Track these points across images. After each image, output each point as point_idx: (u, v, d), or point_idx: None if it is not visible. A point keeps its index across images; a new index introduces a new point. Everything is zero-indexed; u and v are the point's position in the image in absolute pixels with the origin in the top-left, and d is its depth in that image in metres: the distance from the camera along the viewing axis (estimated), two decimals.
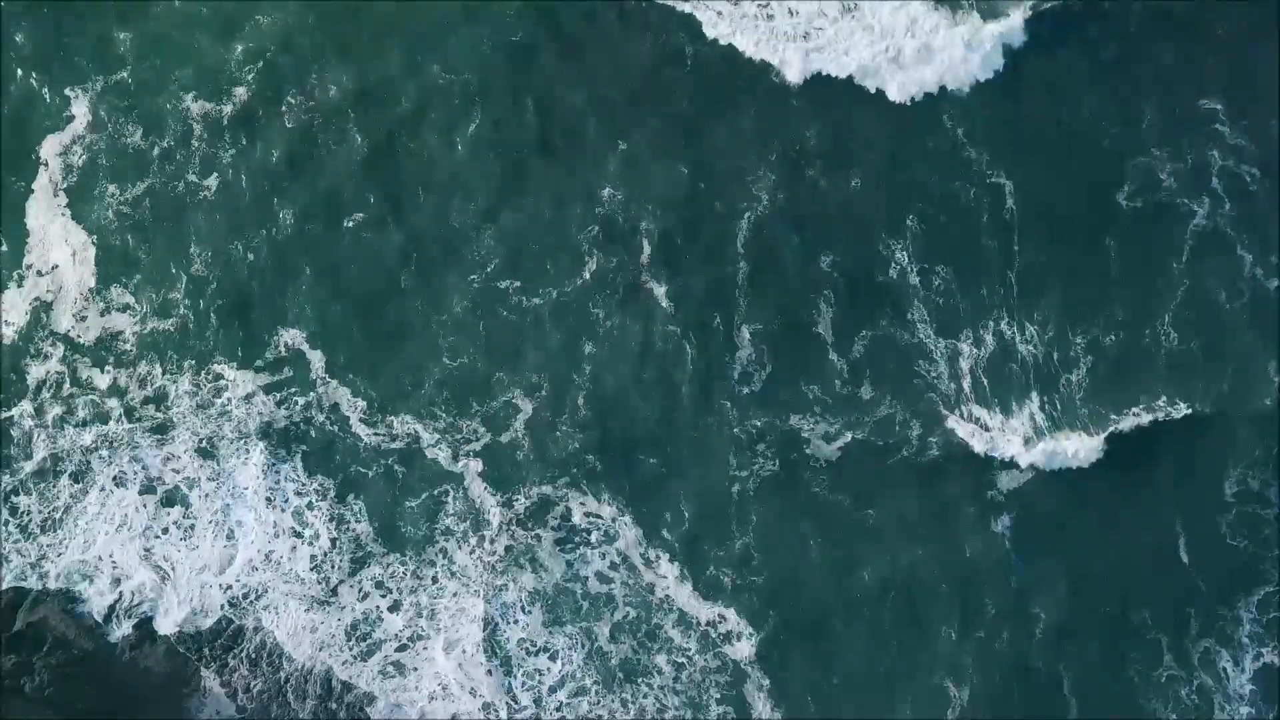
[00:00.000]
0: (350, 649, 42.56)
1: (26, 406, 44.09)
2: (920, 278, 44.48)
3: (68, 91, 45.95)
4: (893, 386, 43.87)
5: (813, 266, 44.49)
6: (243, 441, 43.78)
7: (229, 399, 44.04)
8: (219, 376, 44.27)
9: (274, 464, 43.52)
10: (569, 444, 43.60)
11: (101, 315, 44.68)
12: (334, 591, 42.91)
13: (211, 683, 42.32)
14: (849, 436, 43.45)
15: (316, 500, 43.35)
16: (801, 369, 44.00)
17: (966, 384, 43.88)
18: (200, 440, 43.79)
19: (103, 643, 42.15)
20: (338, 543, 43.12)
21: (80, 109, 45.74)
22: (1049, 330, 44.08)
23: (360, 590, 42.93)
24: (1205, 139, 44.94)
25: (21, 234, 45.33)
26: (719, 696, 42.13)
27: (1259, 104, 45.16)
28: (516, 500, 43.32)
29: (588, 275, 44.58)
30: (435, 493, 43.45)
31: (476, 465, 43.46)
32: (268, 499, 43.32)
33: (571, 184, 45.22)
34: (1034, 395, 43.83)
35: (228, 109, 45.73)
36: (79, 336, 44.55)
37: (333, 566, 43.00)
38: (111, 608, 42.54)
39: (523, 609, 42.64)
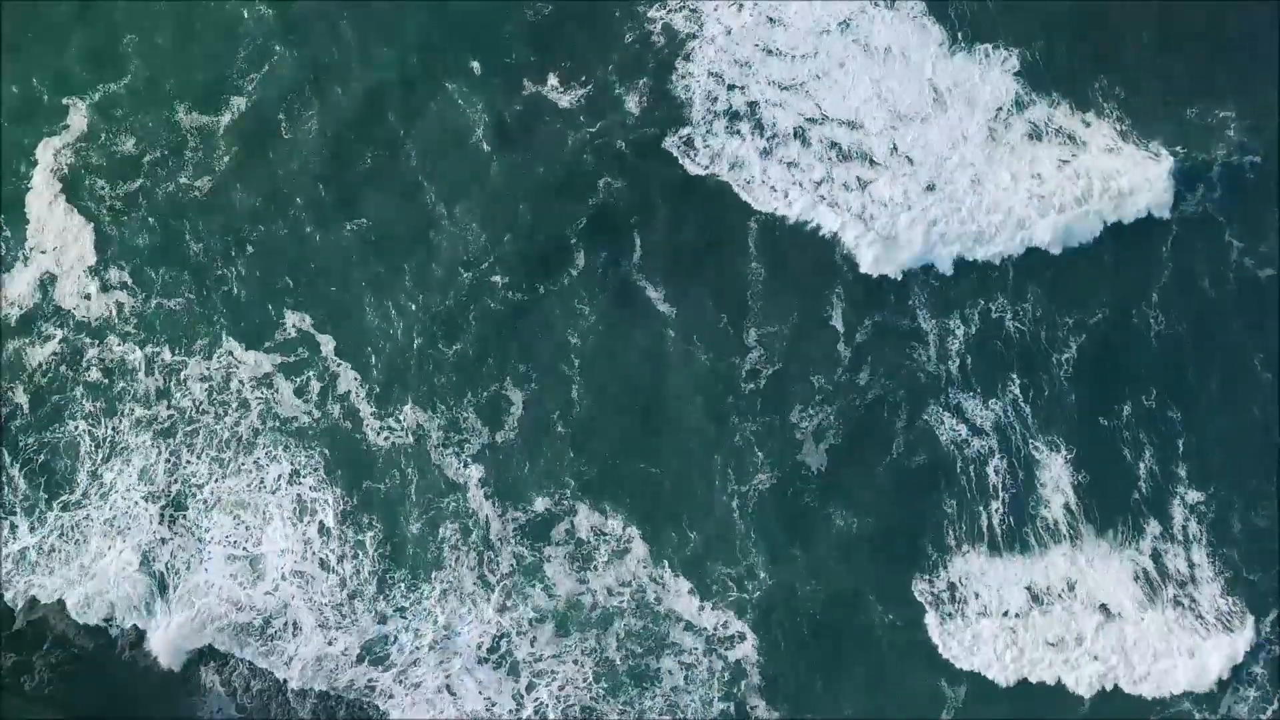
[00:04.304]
0: (364, 659, 42.54)
1: (27, 398, 44.32)
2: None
3: (65, 100, 46.47)
4: (886, 369, 44.12)
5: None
6: (259, 440, 44.02)
7: (242, 382, 44.27)
8: (230, 356, 44.51)
9: (291, 469, 43.72)
10: (568, 453, 43.81)
11: (104, 292, 44.97)
12: (350, 598, 42.93)
13: (212, 681, 42.28)
14: (838, 437, 43.65)
15: (329, 508, 43.42)
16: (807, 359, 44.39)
17: (954, 367, 44.16)
18: (215, 437, 44.08)
19: (103, 642, 42.18)
20: (350, 553, 43.13)
21: (78, 117, 46.25)
22: (1038, 313, 44.36)
23: (371, 599, 42.92)
24: (1208, 134, 45.39)
25: (20, 221, 45.78)
26: (721, 694, 42.09)
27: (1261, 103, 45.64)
28: (522, 511, 43.44)
29: (575, 272, 44.91)
30: (443, 504, 43.52)
31: (479, 472, 43.59)
32: (280, 504, 43.48)
33: (567, 183, 45.66)
34: (1017, 377, 44.17)
35: (225, 113, 46.19)
36: (83, 317, 44.80)
37: (345, 579, 42.98)
38: (112, 607, 42.55)
39: (533, 617, 42.69)
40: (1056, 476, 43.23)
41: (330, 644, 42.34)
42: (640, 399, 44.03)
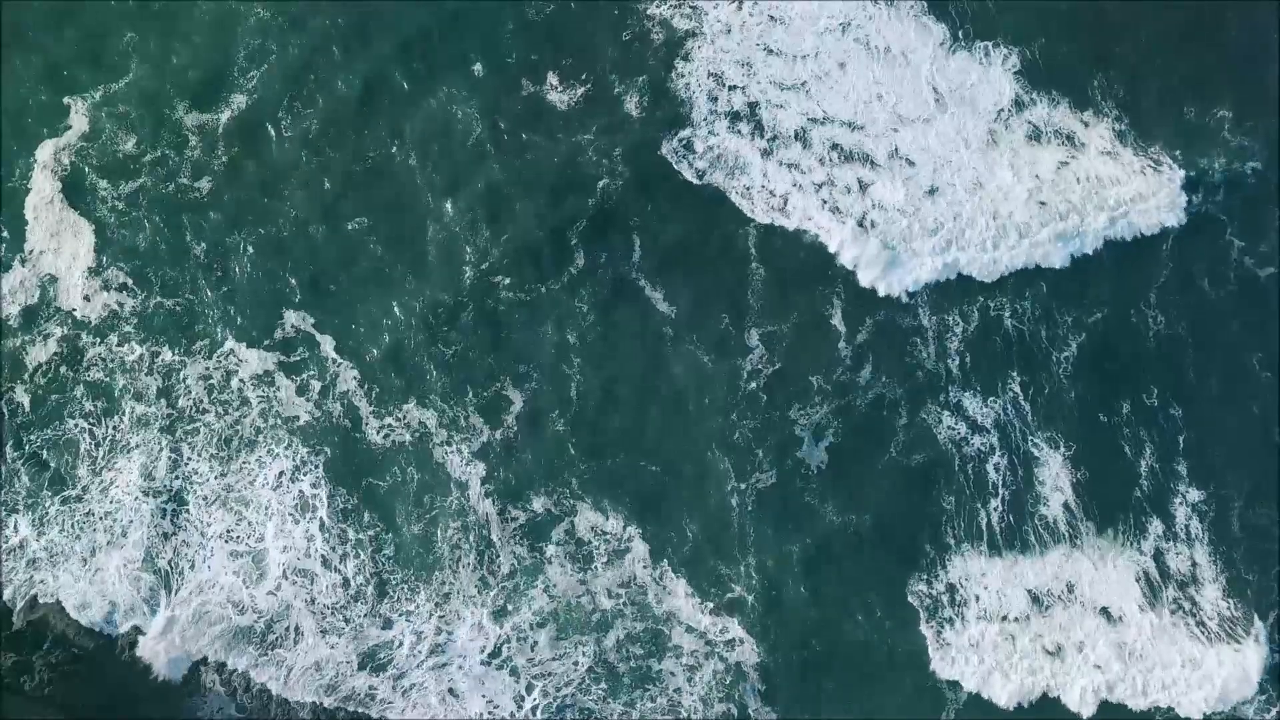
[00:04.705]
0: (366, 666, 42.47)
1: (28, 397, 44.27)
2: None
3: (68, 99, 46.44)
4: (886, 368, 44.19)
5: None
6: (260, 438, 44.03)
7: (243, 381, 44.26)
8: (231, 354, 44.47)
9: (293, 466, 43.71)
10: (568, 451, 43.81)
11: (104, 292, 44.88)
12: (354, 599, 42.82)
13: (212, 681, 42.23)
14: (838, 434, 43.64)
15: (331, 506, 43.37)
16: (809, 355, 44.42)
17: (954, 365, 44.19)
18: (216, 435, 44.05)
19: (102, 641, 42.13)
20: (351, 551, 43.09)
21: (78, 117, 46.21)
22: (1038, 311, 44.49)
23: (373, 602, 42.85)
24: (1207, 134, 45.57)
25: (20, 222, 45.66)
26: (721, 696, 42.05)
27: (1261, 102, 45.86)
28: (522, 510, 43.43)
29: (575, 272, 44.97)
30: (444, 503, 43.51)
31: (479, 471, 43.58)
32: (281, 501, 43.45)
33: (567, 183, 45.70)
34: (1017, 375, 44.22)
35: (225, 113, 46.20)
36: (83, 316, 44.71)
37: (348, 578, 42.91)
38: (113, 607, 42.51)
39: (533, 620, 42.66)
40: (1056, 474, 43.28)
41: (332, 648, 42.24)
42: (640, 398, 44.05)
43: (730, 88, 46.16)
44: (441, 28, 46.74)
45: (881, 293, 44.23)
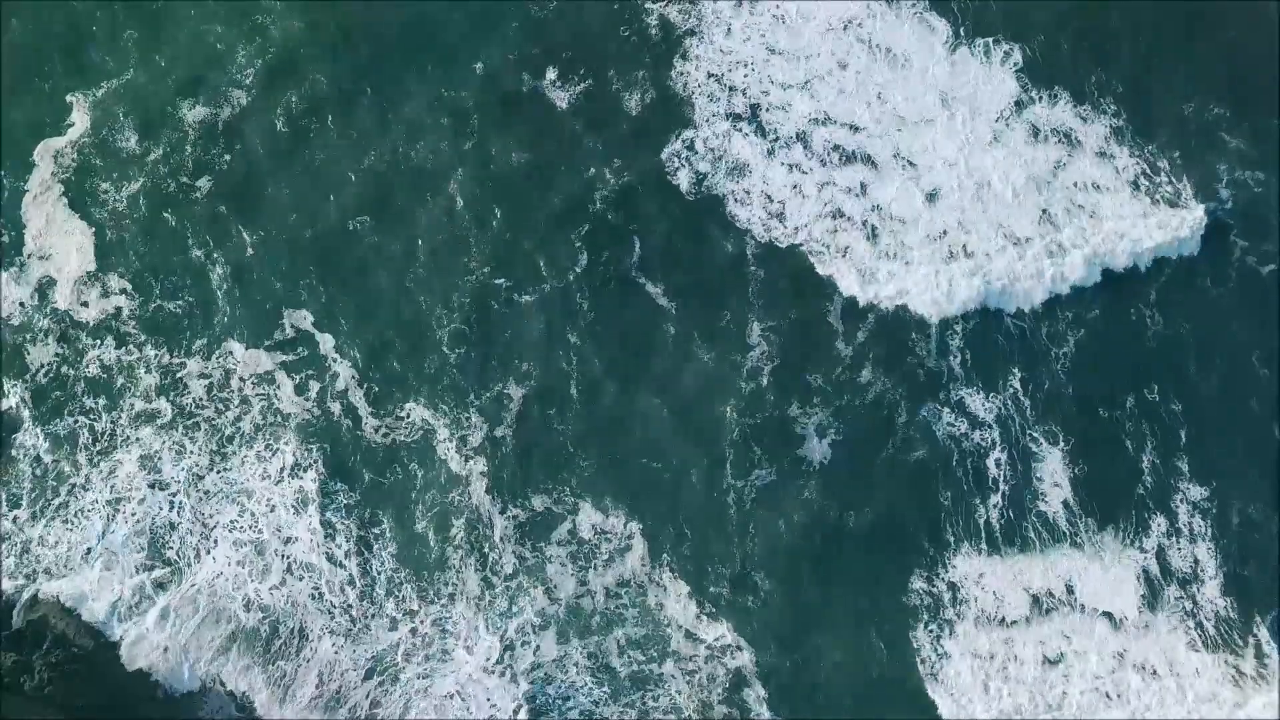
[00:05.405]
0: (373, 674, 42.37)
1: (29, 394, 44.18)
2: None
3: (69, 97, 46.46)
4: (886, 365, 44.26)
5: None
6: (259, 435, 43.99)
7: (243, 380, 44.20)
8: (230, 353, 44.41)
9: (294, 463, 43.62)
10: (568, 449, 43.79)
11: (103, 297, 44.82)
12: (359, 599, 42.77)
13: (212, 680, 42.08)
14: (838, 432, 43.59)
15: (330, 505, 43.33)
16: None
17: (955, 363, 44.17)
18: (218, 432, 43.98)
19: (102, 641, 41.92)
20: (355, 549, 43.02)
21: (79, 115, 46.22)
22: (1039, 308, 44.61)
23: (376, 606, 42.76)
24: (1207, 132, 45.81)
25: (20, 223, 45.57)
26: (721, 698, 41.98)
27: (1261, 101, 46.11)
28: (522, 509, 43.37)
29: (578, 270, 44.99)
30: (446, 501, 43.45)
31: (480, 470, 43.50)
32: (283, 495, 43.37)
33: (569, 183, 45.81)
34: (1018, 371, 44.24)
35: (225, 111, 46.29)
36: (83, 317, 44.61)
37: (353, 576, 42.85)
38: (114, 605, 42.45)
39: (535, 622, 42.60)
40: (1056, 471, 43.30)
41: (337, 651, 42.17)
42: (640, 396, 44.08)
43: (731, 88, 46.27)
44: (443, 25, 46.92)
45: (882, 308, 44.32)
